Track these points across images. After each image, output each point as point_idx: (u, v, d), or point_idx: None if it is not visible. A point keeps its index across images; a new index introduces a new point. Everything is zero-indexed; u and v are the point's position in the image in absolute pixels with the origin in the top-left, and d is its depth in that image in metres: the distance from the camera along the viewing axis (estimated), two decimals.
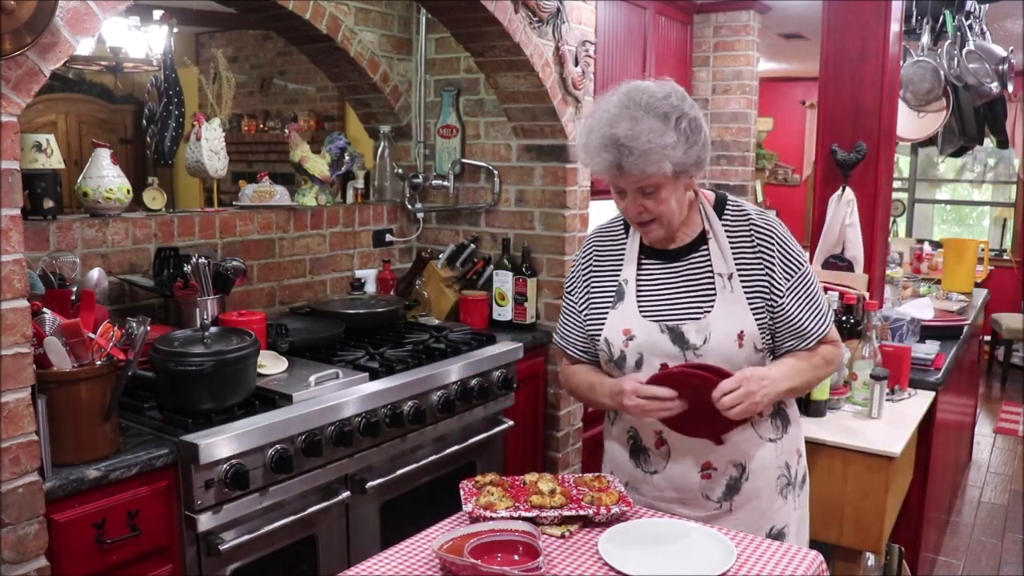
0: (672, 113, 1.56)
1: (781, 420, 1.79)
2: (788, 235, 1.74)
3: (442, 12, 2.86)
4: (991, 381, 6.81)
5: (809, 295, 1.72)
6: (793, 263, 1.71)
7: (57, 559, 1.69)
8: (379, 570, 1.47)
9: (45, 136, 2.39)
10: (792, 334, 1.72)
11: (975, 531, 4.00)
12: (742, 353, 1.68)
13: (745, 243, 1.72)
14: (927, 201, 8.39)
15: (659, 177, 1.59)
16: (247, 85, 5.53)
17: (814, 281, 1.75)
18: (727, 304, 1.69)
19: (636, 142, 1.54)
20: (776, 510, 1.78)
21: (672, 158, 1.56)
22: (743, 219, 1.73)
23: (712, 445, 1.73)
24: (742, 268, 1.70)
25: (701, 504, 1.78)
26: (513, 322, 3.21)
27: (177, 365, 1.99)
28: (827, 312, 1.77)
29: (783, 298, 1.69)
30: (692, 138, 1.58)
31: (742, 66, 4.84)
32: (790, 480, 1.81)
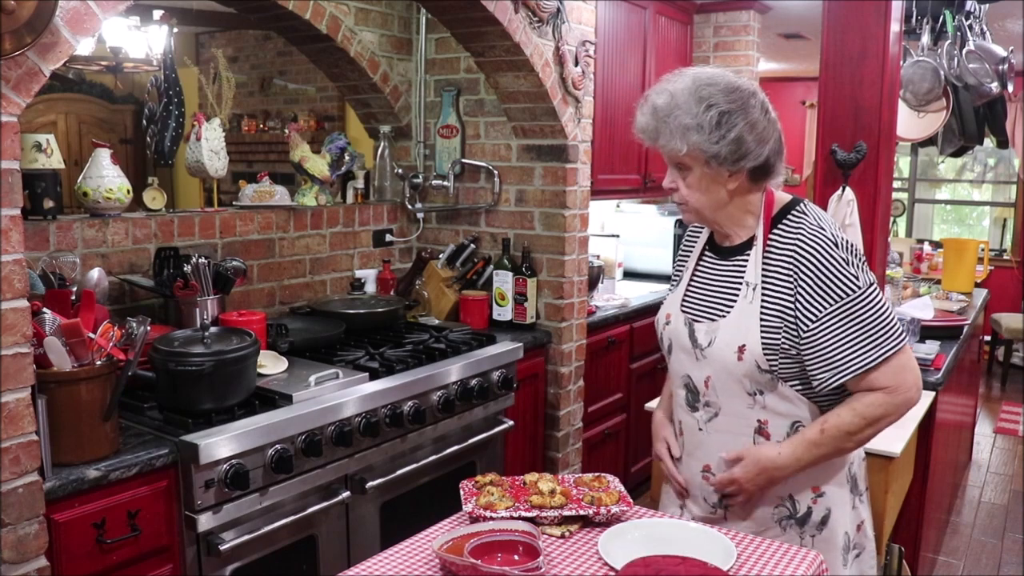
0: (710, 99, 1.58)
1: None
2: (840, 259, 1.58)
3: (442, 12, 2.86)
4: (991, 381, 6.81)
5: (853, 326, 1.56)
6: (836, 291, 1.57)
7: (57, 559, 1.69)
8: (379, 570, 1.47)
9: (45, 136, 2.39)
10: (823, 365, 1.58)
11: (975, 531, 4.00)
12: (742, 367, 1.62)
13: (784, 256, 1.63)
14: (927, 201, 8.39)
15: (683, 156, 1.61)
16: (247, 85, 5.53)
17: (868, 313, 1.57)
18: (741, 314, 1.64)
19: (663, 112, 1.60)
20: (773, 537, 1.66)
21: (691, 140, 1.58)
22: (794, 229, 1.64)
23: (715, 448, 1.71)
24: (770, 282, 1.63)
25: (701, 504, 1.79)
26: (513, 322, 3.21)
27: (177, 365, 1.99)
28: (875, 349, 1.57)
29: (815, 324, 1.57)
30: (719, 131, 1.57)
31: (742, 66, 4.84)
32: (792, 514, 1.69)
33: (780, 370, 1.62)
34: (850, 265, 1.59)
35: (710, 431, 1.73)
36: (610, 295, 3.93)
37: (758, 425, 1.67)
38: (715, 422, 1.71)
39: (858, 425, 1.60)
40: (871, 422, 1.60)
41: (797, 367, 1.62)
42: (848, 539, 1.74)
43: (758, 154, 1.60)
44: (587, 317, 3.40)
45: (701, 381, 1.71)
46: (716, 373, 1.67)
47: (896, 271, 4.13)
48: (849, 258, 1.59)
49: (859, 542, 1.77)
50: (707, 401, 1.71)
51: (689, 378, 1.74)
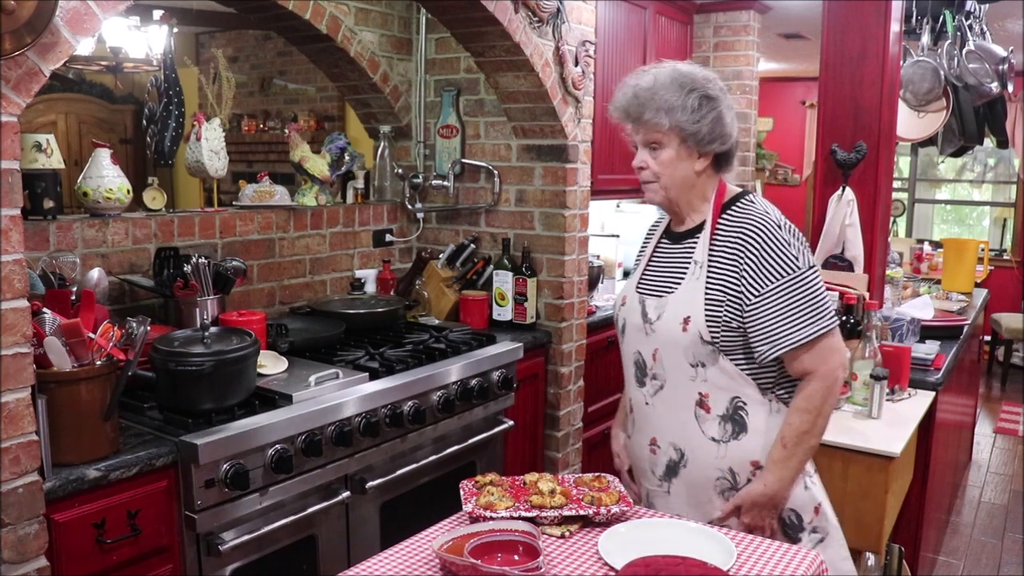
0: (690, 85, 1.74)
1: (733, 425, 1.77)
2: (782, 240, 1.71)
3: (442, 12, 2.86)
4: (991, 381, 6.81)
5: (792, 302, 1.69)
6: (780, 267, 1.69)
7: (57, 559, 1.69)
8: (379, 570, 1.47)
9: (45, 136, 2.39)
10: (764, 337, 1.70)
11: (975, 531, 4.00)
12: (686, 338, 1.75)
13: (730, 238, 1.76)
14: (927, 201, 8.39)
15: (661, 131, 1.75)
16: (247, 85, 5.53)
17: (807, 291, 1.70)
18: (687, 289, 1.77)
19: (646, 93, 1.74)
20: (715, 508, 1.81)
21: (674, 117, 1.72)
22: (741, 215, 1.77)
23: (661, 423, 1.84)
24: (717, 260, 1.76)
25: (649, 477, 1.91)
26: (513, 322, 3.21)
27: (177, 365, 1.99)
28: (813, 324, 1.69)
29: (757, 298, 1.70)
30: (699, 112, 1.72)
31: (742, 66, 4.83)
32: (733, 486, 1.79)
33: (721, 343, 1.73)
34: (791, 247, 1.72)
35: (655, 404, 1.85)
36: (610, 295, 3.93)
37: (699, 398, 1.78)
38: (660, 395, 1.83)
39: (809, 420, 1.73)
40: (817, 412, 1.73)
41: (739, 341, 1.74)
42: (798, 519, 1.82)
43: (724, 140, 1.77)
44: (587, 317, 3.40)
45: (649, 355, 1.83)
46: (663, 346, 1.80)
47: (896, 271, 4.13)
48: (791, 240, 1.73)
49: (820, 526, 1.84)
50: (654, 374, 1.84)
51: (639, 354, 1.87)
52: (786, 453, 1.73)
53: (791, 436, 1.73)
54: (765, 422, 1.77)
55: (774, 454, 1.75)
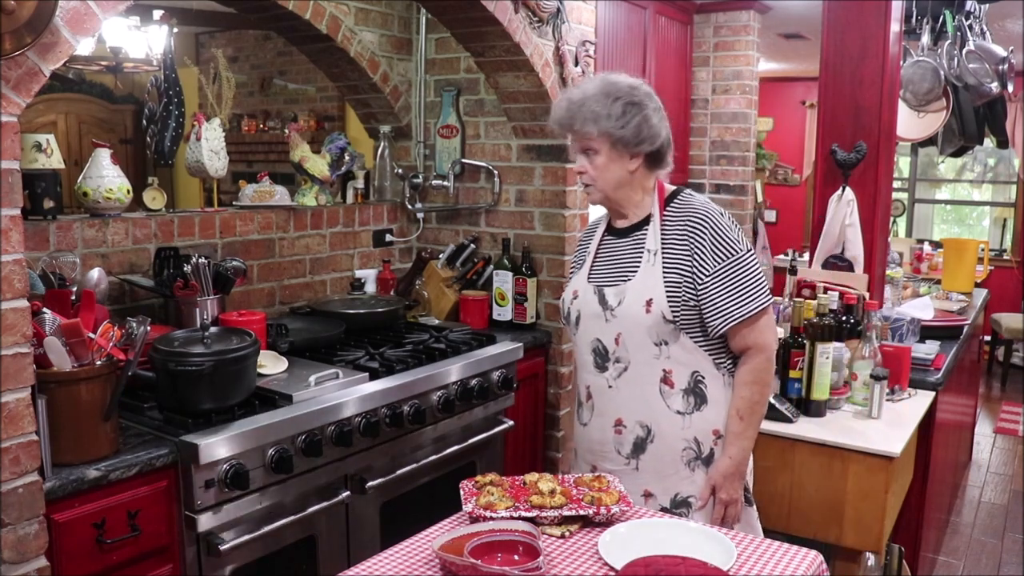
0: (616, 94, 1.89)
1: (695, 398, 1.92)
2: (726, 225, 1.90)
3: (442, 12, 2.86)
4: (991, 381, 6.81)
5: (737, 280, 1.86)
6: (724, 250, 1.87)
7: (57, 559, 1.69)
8: (379, 570, 1.47)
9: (45, 136, 2.39)
10: (713, 312, 1.87)
11: (975, 531, 4.00)
12: (649, 319, 1.88)
13: (679, 226, 1.92)
14: (927, 201, 8.39)
15: (591, 139, 1.90)
16: (247, 85, 5.52)
17: (748, 271, 1.88)
18: (645, 275, 1.91)
19: (576, 105, 1.90)
20: (682, 479, 1.94)
21: (601, 125, 1.87)
22: (684, 207, 1.94)
23: (626, 403, 1.95)
24: (669, 247, 1.91)
25: (613, 458, 1.99)
26: (513, 322, 3.21)
27: (177, 365, 1.99)
28: (755, 301, 1.87)
29: (708, 278, 1.86)
30: (623, 118, 1.87)
31: (742, 66, 4.84)
32: (699, 455, 1.94)
33: (681, 321, 1.88)
34: (732, 231, 1.90)
35: (620, 386, 1.96)
36: None
37: (663, 374, 1.91)
38: (625, 376, 1.95)
39: (758, 391, 1.92)
40: (764, 383, 1.93)
41: (695, 318, 1.89)
42: (749, 487, 2.01)
43: (652, 141, 1.91)
44: None
45: (611, 339, 1.95)
46: (626, 329, 1.92)
47: (896, 271, 4.13)
48: (732, 226, 1.91)
49: (750, 488, 2.03)
50: (617, 357, 1.95)
51: (598, 341, 1.98)
52: (743, 424, 1.91)
53: (745, 408, 1.91)
54: (722, 393, 1.94)
55: (733, 427, 1.92)
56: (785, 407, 2.40)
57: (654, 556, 1.46)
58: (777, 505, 2.35)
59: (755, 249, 1.93)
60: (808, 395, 2.45)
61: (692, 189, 2.04)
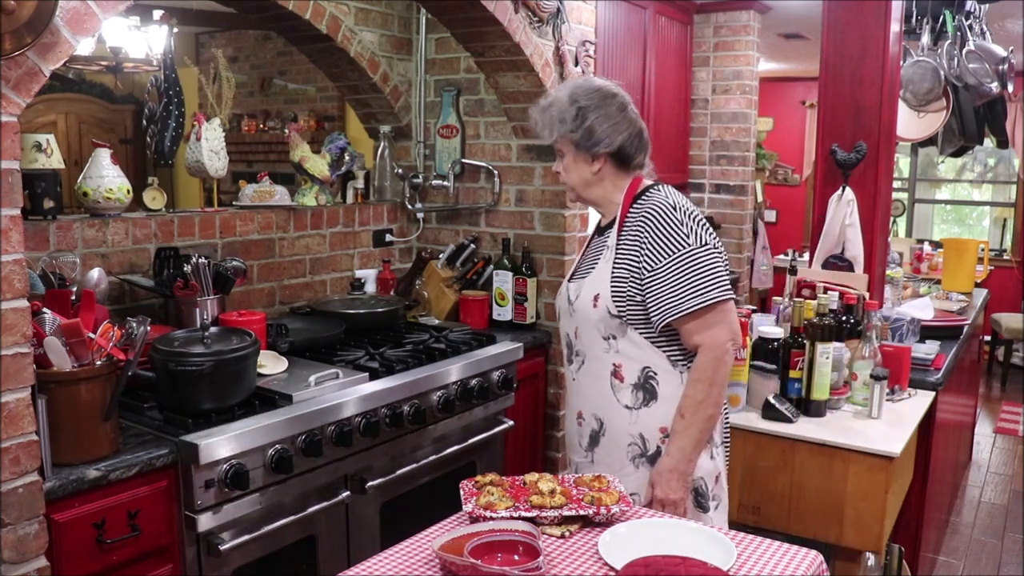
0: (575, 98, 1.93)
1: (644, 393, 1.93)
2: (678, 220, 1.87)
3: (442, 12, 2.86)
4: (991, 381, 6.81)
5: (683, 274, 1.84)
6: (670, 245, 1.85)
7: (57, 559, 1.69)
8: (379, 570, 1.47)
9: (45, 136, 2.39)
10: (657, 304, 1.86)
11: (975, 531, 4.00)
12: (596, 313, 1.92)
13: (635, 223, 1.93)
14: (927, 201, 8.39)
15: (555, 142, 1.98)
16: (247, 85, 5.52)
17: (697, 266, 1.84)
18: (599, 271, 1.95)
19: (541, 112, 1.98)
20: (627, 475, 1.94)
21: (557, 130, 1.94)
22: (645, 203, 1.94)
23: (589, 396, 1.99)
24: (623, 243, 1.93)
25: (577, 451, 2.06)
26: (513, 322, 3.21)
27: (177, 365, 1.99)
28: (700, 295, 1.83)
29: (651, 273, 1.86)
30: (575, 122, 1.92)
31: (742, 66, 4.84)
32: (643, 452, 1.94)
33: (627, 316, 1.90)
34: (684, 226, 1.87)
35: (580, 378, 2.02)
36: None
37: (613, 368, 1.94)
38: (583, 369, 2.01)
39: (702, 390, 1.87)
40: (709, 382, 1.86)
41: (643, 314, 1.89)
42: (705, 487, 1.95)
43: (610, 142, 1.93)
44: None
45: (573, 333, 2.02)
46: (581, 324, 1.98)
47: (896, 271, 4.13)
48: (686, 220, 1.87)
49: (718, 493, 1.99)
50: (577, 350, 2.02)
51: (567, 335, 2.05)
52: (685, 423, 1.88)
53: (688, 406, 1.88)
54: (676, 391, 1.91)
55: (675, 425, 1.90)
56: (785, 407, 2.40)
57: (654, 556, 1.46)
58: (777, 505, 2.35)
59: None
60: (808, 395, 2.45)
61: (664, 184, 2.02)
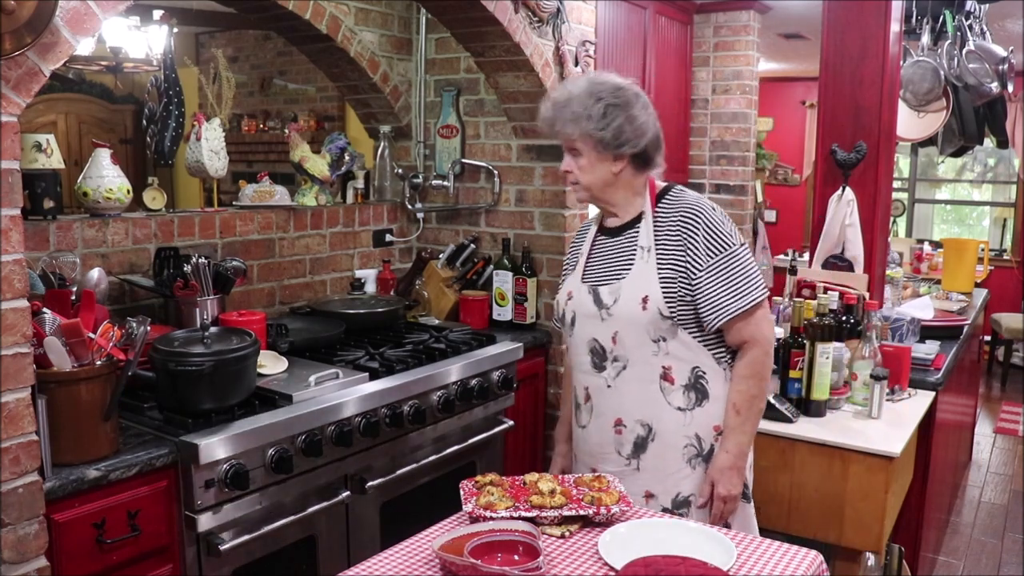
0: (599, 94, 1.86)
1: (696, 394, 1.91)
2: (719, 220, 1.89)
3: (442, 12, 2.86)
4: (991, 381, 6.81)
5: (730, 274, 1.86)
6: (718, 244, 1.86)
7: (57, 559, 1.69)
8: (379, 570, 1.47)
9: (45, 136, 2.39)
10: (708, 307, 1.86)
11: (975, 531, 4.00)
12: (646, 316, 1.87)
13: (671, 223, 1.91)
14: (927, 201, 8.39)
15: (573, 140, 1.89)
16: (247, 85, 5.52)
17: (742, 265, 1.87)
18: (640, 272, 1.90)
19: (560, 105, 1.89)
20: (683, 477, 1.93)
21: (582, 126, 1.86)
22: (675, 203, 1.93)
23: (625, 402, 1.93)
24: (662, 243, 1.90)
25: (614, 459, 1.97)
26: (513, 322, 3.21)
27: (177, 365, 1.99)
28: (750, 294, 1.86)
29: (701, 272, 1.85)
30: (604, 119, 1.85)
31: (742, 66, 4.83)
32: (700, 452, 1.93)
33: (678, 316, 1.87)
34: (725, 226, 1.89)
35: (619, 384, 1.94)
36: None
37: (663, 371, 1.90)
38: (624, 375, 1.93)
39: (756, 384, 1.90)
40: (761, 376, 1.91)
41: (692, 313, 1.88)
42: (748, 483, 1.98)
43: (636, 143, 1.88)
44: None
45: (608, 339, 1.93)
46: (623, 327, 1.90)
47: (896, 271, 4.13)
48: (724, 220, 1.90)
49: (749, 485, 2.01)
50: (615, 356, 1.93)
51: (595, 341, 1.96)
52: (741, 419, 1.90)
53: (743, 402, 1.90)
54: (724, 389, 1.93)
55: (730, 422, 1.90)
56: (785, 407, 2.40)
57: (654, 556, 1.46)
58: (777, 505, 2.35)
59: (752, 247, 1.90)
60: (808, 395, 2.45)
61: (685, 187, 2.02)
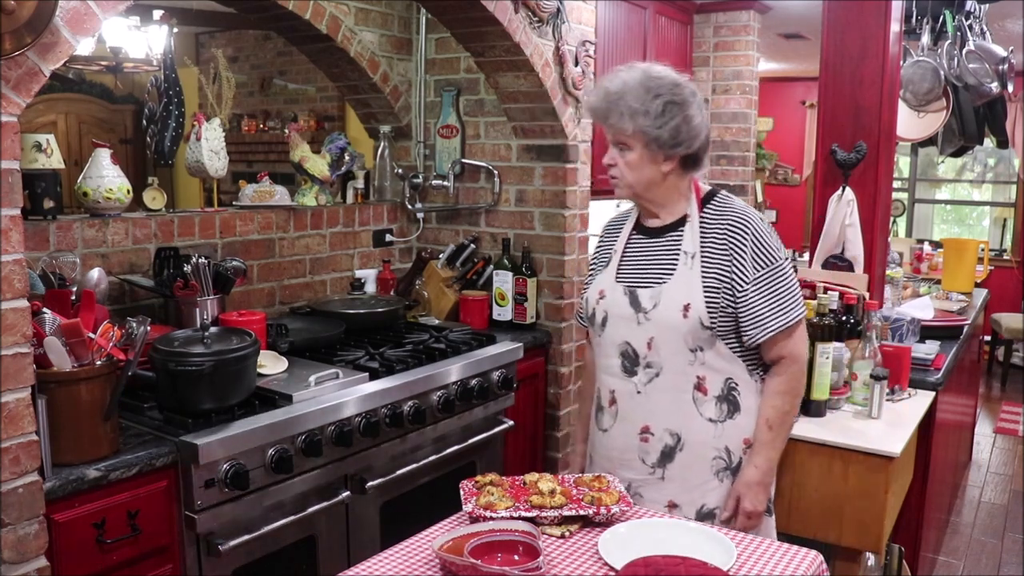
0: (657, 90, 1.78)
1: (728, 405, 1.87)
2: (767, 232, 1.84)
3: (442, 12, 2.86)
4: (991, 381, 6.81)
5: (776, 289, 1.82)
6: (765, 257, 1.82)
7: (57, 559, 1.69)
8: (379, 570, 1.47)
9: (45, 136, 2.39)
10: (752, 322, 1.81)
11: (975, 531, 4.00)
12: (686, 324, 1.81)
13: (718, 230, 1.85)
14: (927, 201, 8.39)
15: (625, 135, 1.81)
16: (247, 85, 5.52)
17: (787, 279, 1.83)
18: (683, 278, 1.83)
19: (614, 96, 1.80)
20: (710, 489, 1.88)
21: (637, 122, 1.78)
22: (723, 210, 1.87)
23: (655, 410, 1.87)
24: (708, 251, 1.84)
25: (637, 467, 1.91)
26: (513, 322, 3.21)
27: (177, 365, 1.99)
28: (793, 310, 1.83)
29: (748, 285, 1.81)
30: (662, 117, 1.78)
31: (742, 66, 4.84)
32: (728, 465, 1.89)
33: (718, 327, 1.81)
34: (772, 239, 1.84)
35: (650, 392, 1.87)
36: None
37: (697, 381, 1.85)
38: (656, 382, 1.86)
39: (790, 401, 1.88)
40: (796, 393, 1.89)
41: (732, 325, 1.83)
42: (771, 496, 1.94)
43: (690, 144, 1.82)
44: None
45: (643, 343, 1.86)
46: (660, 333, 1.84)
47: (896, 271, 4.13)
48: (771, 232, 1.86)
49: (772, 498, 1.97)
50: (648, 362, 1.87)
51: (628, 344, 1.89)
52: (772, 435, 1.86)
53: (776, 417, 1.86)
54: (755, 401, 1.89)
55: (762, 437, 1.86)
56: None
57: (654, 556, 1.46)
58: (777, 505, 2.34)
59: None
60: (808, 395, 2.44)
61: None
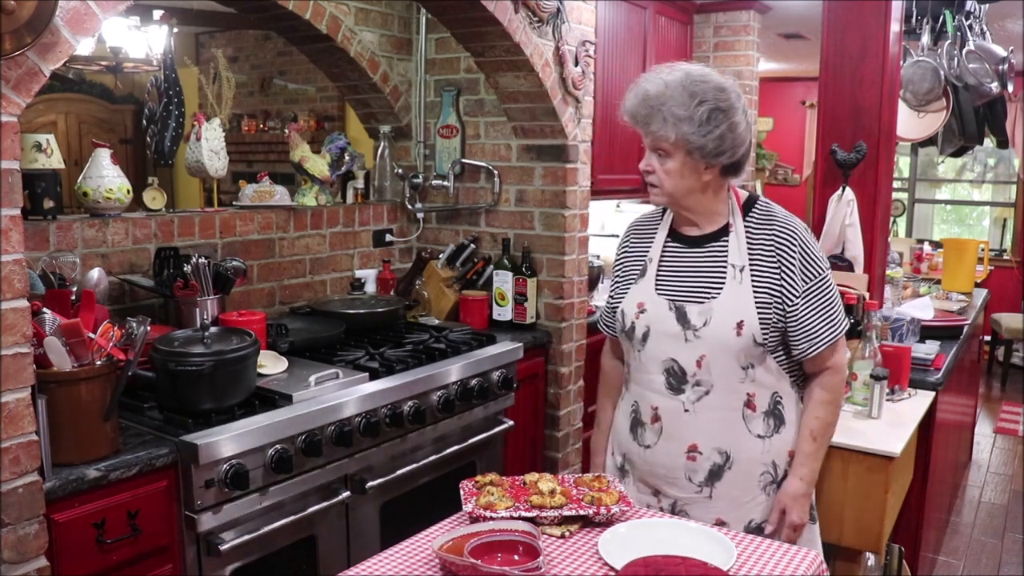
0: (702, 96, 1.69)
1: (775, 420, 1.83)
2: (812, 241, 1.81)
3: (442, 12, 2.86)
4: (991, 381, 6.81)
5: (825, 301, 1.79)
6: (814, 268, 1.78)
7: (57, 559, 1.69)
8: (379, 570, 1.47)
9: (45, 136, 2.39)
10: (803, 336, 1.78)
11: (975, 531, 4.00)
12: (740, 342, 1.74)
13: (764, 241, 1.79)
14: (927, 201, 8.39)
15: (667, 143, 1.72)
16: (247, 85, 5.52)
17: (833, 290, 1.81)
18: (734, 293, 1.76)
19: (655, 100, 1.71)
20: (757, 504, 1.84)
21: (680, 130, 1.69)
22: (767, 219, 1.81)
23: (704, 428, 1.81)
24: (756, 263, 1.78)
25: (683, 485, 1.85)
26: (513, 322, 3.21)
27: (177, 365, 1.99)
28: (841, 322, 1.81)
29: (798, 299, 1.76)
30: (707, 125, 1.69)
31: (742, 66, 4.84)
32: (775, 479, 1.85)
33: (769, 343, 1.77)
34: (817, 249, 1.81)
35: (699, 410, 1.80)
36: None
37: (747, 398, 1.80)
38: (705, 400, 1.80)
39: (833, 412, 1.85)
40: (836, 403, 1.86)
41: (780, 339, 1.79)
42: (813, 504, 1.90)
43: (733, 153, 1.75)
44: (587, 317, 3.40)
45: (691, 362, 1.79)
46: (712, 351, 1.77)
47: (896, 271, 4.13)
48: (816, 242, 1.82)
49: (814, 514, 1.93)
50: (697, 381, 1.79)
51: (674, 361, 1.81)
52: (816, 445, 1.82)
53: (819, 428, 1.82)
54: (796, 413, 1.86)
55: (805, 448, 1.82)
56: None
57: (654, 556, 1.46)
58: None
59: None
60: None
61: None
